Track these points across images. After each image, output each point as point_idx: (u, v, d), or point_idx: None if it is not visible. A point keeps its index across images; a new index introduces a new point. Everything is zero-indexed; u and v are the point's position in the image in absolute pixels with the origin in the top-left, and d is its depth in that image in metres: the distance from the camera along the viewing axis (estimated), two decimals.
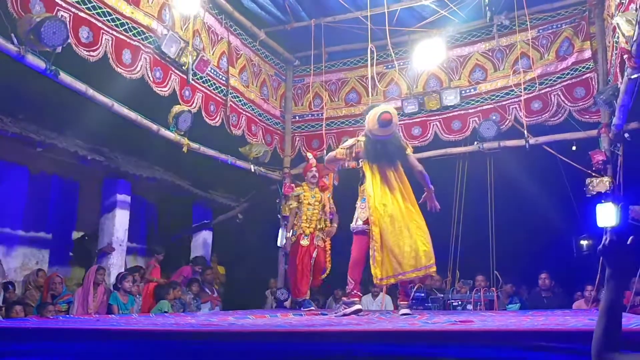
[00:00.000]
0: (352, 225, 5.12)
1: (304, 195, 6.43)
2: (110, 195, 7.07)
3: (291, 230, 6.53)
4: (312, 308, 6.03)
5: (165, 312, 6.27)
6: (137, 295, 6.74)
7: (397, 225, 4.67)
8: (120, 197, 7.07)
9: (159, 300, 6.63)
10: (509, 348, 2.40)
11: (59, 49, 4.71)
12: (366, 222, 4.84)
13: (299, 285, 6.32)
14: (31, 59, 4.62)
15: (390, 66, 7.88)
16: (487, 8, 6.53)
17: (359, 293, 4.89)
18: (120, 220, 7.04)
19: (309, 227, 6.38)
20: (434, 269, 4.84)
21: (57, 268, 7.12)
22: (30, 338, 3.02)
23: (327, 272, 6.64)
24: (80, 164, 6.52)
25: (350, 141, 5.17)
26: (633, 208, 1.50)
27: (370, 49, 6.70)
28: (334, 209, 6.61)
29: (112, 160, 6.84)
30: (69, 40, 4.80)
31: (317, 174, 6.47)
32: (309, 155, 6.87)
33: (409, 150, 5.06)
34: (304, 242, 6.35)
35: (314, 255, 6.37)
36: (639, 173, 6.51)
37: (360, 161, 5.02)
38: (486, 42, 7.69)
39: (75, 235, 7.64)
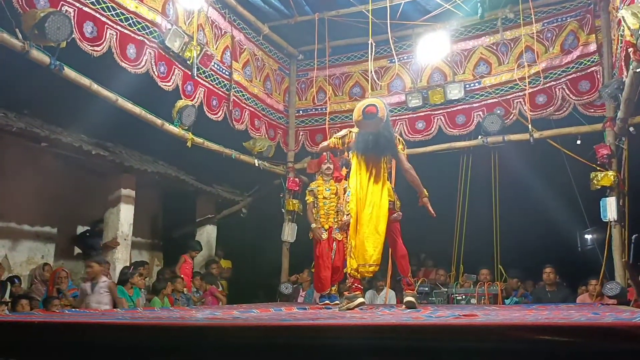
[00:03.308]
0: (344, 218, 5.17)
1: (319, 190, 6.37)
2: (114, 190, 7.09)
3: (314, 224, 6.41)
4: (338, 302, 5.96)
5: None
6: (143, 289, 6.78)
7: (372, 219, 4.66)
8: (125, 191, 7.09)
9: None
10: (513, 342, 2.40)
11: (64, 44, 4.72)
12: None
13: (322, 279, 6.27)
14: (35, 54, 4.64)
15: (393, 60, 7.86)
16: (480, 5, 6.48)
17: (359, 286, 4.90)
18: (125, 215, 7.07)
19: (326, 221, 6.31)
20: (372, 268, 4.68)
21: (62, 262, 7.17)
22: (35, 332, 3.04)
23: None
24: (85, 159, 6.54)
25: (343, 131, 5.17)
26: None
27: (371, 43, 6.66)
28: None
29: (116, 154, 6.86)
30: (73, 35, 4.81)
31: (331, 166, 6.38)
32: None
33: (401, 148, 4.93)
34: (323, 236, 6.30)
35: (334, 248, 6.26)
36: None
37: (350, 152, 5.03)
38: (491, 35, 7.65)
39: (80, 229, 7.67)
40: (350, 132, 5.02)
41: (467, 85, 7.65)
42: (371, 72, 6.84)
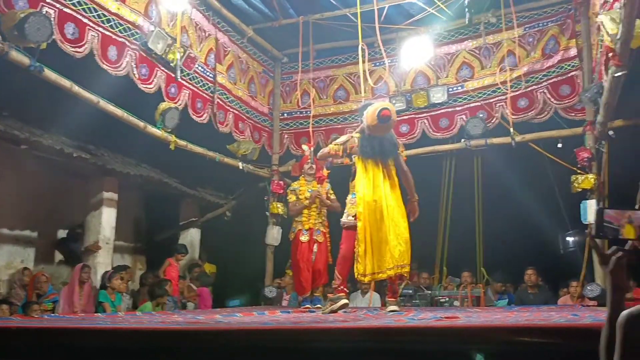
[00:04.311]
0: (342, 220, 5.15)
1: (301, 190, 6.33)
2: (96, 193, 7.01)
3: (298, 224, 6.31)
4: (319, 305, 5.92)
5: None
6: (125, 294, 6.71)
7: (385, 223, 4.68)
8: (107, 194, 7.01)
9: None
10: (494, 344, 2.42)
11: (44, 45, 4.67)
12: (356, 217, 4.84)
13: (302, 283, 6.20)
14: (15, 55, 4.57)
15: (378, 63, 7.89)
16: (467, 10, 6.53)
17: (345, 289, 4.89)
18: (107, 218, 6.98)
19: (308, 222, 6.24)
20: (406, 269, 4.72)
21: (43, 266, 7.05)
22: (14, 337, 3.00)
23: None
24: (66, 161, 6.45)
25: (344, 137, 5.16)
26: (607, 212, 1.54)
27: (362, 47, 6.68)
28: (335, 199, 6.29)
29: (98, 157, 6.77)
30: (54, 37, 4.76)
31: (314, 166, 6.35)
32: (305, 147, 6.76)
33: (401, 150, 5.05)
34: (303, 238, 6.16)
35: (315, 250, 6.20)
36: (623, 170, 6.58)
37: (353, 157, 5.03)
38: (473, 39, 7.72)
39: (62, 233, 7.57)
40: (353, 137, 5.02)
41: (450, 89, 7.70)
42: (365, 73, 6.81)
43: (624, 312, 1.35)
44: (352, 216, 4.93)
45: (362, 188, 4.79)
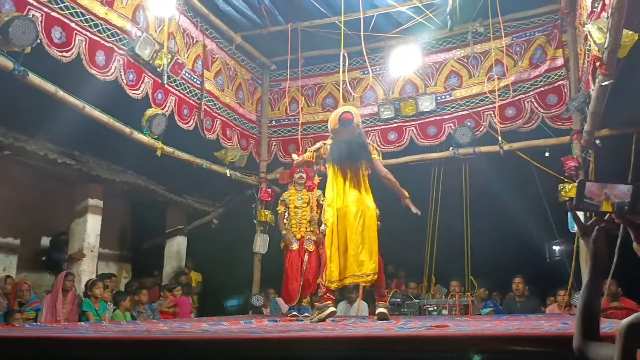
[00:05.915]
0: (321, 228, 5.20)
1: (290, 199, 6.31)
2: (81, 200, 6.91)
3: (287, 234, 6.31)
4: (307, 314, 5.88)
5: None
6: (109, 302, 6.60)
7: (352, 230, 4.67)
8: (92, 201, 6.91)
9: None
10: (485, 352, 2.39)
11: (28, 49, 4.60)
12: None
13: (290, 292, 6.17)
14: None
15: (366, 71, 7.91)
16: (448, 17, 6.55)
17: (331, 296, 4.86)
18: (92, 226, 6.88)
19: (298, 231, 6.22)
20: (370, 277, 4.65)
21: (25, 274, 6.94)
22: None
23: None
24: (50, 167, 6.35)
25: (317, 144, 5.19)
26: (588, 185, 1.57)
27: (344, 54, 6.68)
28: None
29: (83, 164, 6.68)
30: (39, 40, 4.69)
31: (304, 175, 6.35)
32: (294, 156, 6.76)
33: (375, 156, 4.95)
34: (294, 246, 6.19)
35: (305, 259, 6.17)
36: (609, 179, 6.61)
37: (326, 164, 5.04)
38: (461, 48, 7.77)
39: (45, 240, 7.44)
40: (325, 144, 5.05)
41: (439, 97, 7.73)
42: (345, 82, 6.83)
43: (625, 321, 1.33)
44: (325, 223, 4.95)
45: (331, 195, 4.81)
